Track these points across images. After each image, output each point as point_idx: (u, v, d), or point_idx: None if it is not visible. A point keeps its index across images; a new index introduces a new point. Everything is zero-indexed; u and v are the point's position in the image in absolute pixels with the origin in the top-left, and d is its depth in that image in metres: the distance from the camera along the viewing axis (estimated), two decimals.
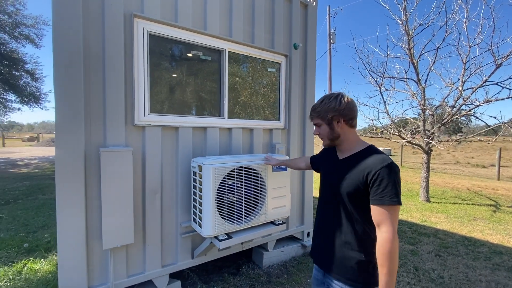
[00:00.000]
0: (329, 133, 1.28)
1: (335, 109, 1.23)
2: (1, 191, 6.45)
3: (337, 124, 1.25)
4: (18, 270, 2.87)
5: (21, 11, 11.94)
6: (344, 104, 1.23)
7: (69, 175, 1.84)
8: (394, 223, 1.08)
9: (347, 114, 1.24)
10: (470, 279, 2.88)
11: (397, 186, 1.10)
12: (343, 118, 1.24)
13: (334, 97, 1.25)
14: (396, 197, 1.08)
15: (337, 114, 1.23)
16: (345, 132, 1.27)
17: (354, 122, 1.27)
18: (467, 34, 5.79)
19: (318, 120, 1.30)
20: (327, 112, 1.25)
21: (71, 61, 1.83)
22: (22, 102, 13.19)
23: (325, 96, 1.29)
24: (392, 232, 1.07)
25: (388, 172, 1.10)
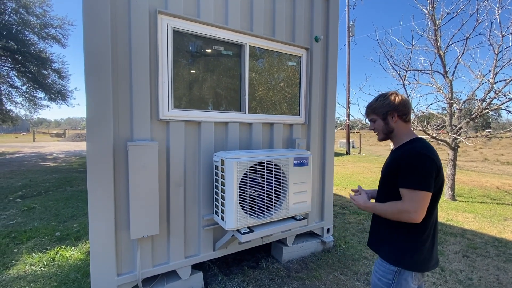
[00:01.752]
0: (384, 128, 1.40)
1: (389, 105, 1.35)
2: (33, 183, 6.88)
3: (391, 119, 1.37)
4: (51, 257, 3.06)
5: (48, 12, 12.54)
6: (399, 101, 1.35)
7: (99, 168, 1.93)
8: (414, 203, 1.18)
9: (401, 109, 1.35)
10: (502, 282, 2.74)
11: (417, 172, 1.19)
12: (397, 113, 1.35)
13: (389, 94, 1.38)
14: (415, 181, 1.18)
15: (392, 109, 1.35)
16: (399, 127, 1.38)
17: (408, 118, 1.38)
18: (499, 22, 5.42)
19: (374, 116, 1.42)
20: (382, 108, 1.38)
21: (100, 59, 1.90)
22: (50, 100, 13.92)
23: (380, 95, 1.41)
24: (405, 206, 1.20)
25: (415, 158, 1.21)
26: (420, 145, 1.27)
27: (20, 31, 11.96)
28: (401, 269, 1.29)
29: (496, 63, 5.54)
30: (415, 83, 6.54)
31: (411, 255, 1.28)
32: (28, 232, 3.70)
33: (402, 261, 1.28)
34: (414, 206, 1.18)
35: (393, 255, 1.31)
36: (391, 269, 1.30)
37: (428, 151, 1.22)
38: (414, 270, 1.28)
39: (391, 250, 1.32)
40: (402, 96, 1.37)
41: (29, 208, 4.78)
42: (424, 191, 1.18)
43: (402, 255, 1.29)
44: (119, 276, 2.07)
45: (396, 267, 1.29)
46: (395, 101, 1.34)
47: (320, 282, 2.67)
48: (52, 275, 2.71)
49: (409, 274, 1.29)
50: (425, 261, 1.30)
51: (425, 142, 1.29)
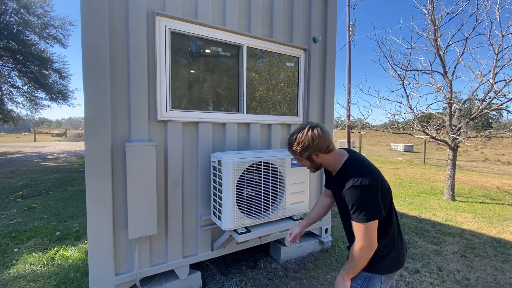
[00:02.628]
0: (312, 165, 1.40)
1: (310, 146, 1.29)
2: (34, 182, 6.92)
3: (316, 157, 1.34)
4: (51, 256, 3.08)
5: (49, 13, 12.58)
6: (317, 140, 1.28)
7: (97, 168, 1.94)
8: (364, 237, 1.20)
9: (322, 146, 1.30)
10: (499, 282, 2.75)
11: (362, 205, 1.18)
12: (318, 152, 1.31)
13: (305, 133, 1.30)
14: (362, 215, 1.18)
15: (312, 151, 1.30)
16: (325, 159, 1.35)
17: (330, 148, 1.33)
18: (499, 22, 5.42)
19: (297, 157, 1.39)
20: (303, 151, 1.32)
21: (98, 60, 1.91)
22: (51, 99, 13.96)
23: (298, 133, 1.33)
24: (360, 245, 1.21)
25: (354, 193, 1.20)
26: (356, 172, 1.22)
27: (21, 31, 12.01)
28: (370, 275, 1.30)
29: (496, 63, 5.54)
30: (414, 83, 6.54)
31: (381, 261, 1.30)
32: (28, 232, 3.73)
33: (373, 267, 1.29)
34: (368, 238, 1.20)
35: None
36: (362, 274, 1.30)
37: (365, 178, 1.19)
38: (385, 272, 1.31)
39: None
40: (319, 130, 1.29)
41: (30, 208, 4.81)
42: (373, 221, 1.19)
43: (372, 263, 1.28)
44: (117, 276, 2.09)
45: (366, 273, 1.30)
46: (313, 142, 1.28)
47: (318, 282, 2.68)
48: (52, 274, 2.73)
49: (378, 280, 1.31)
50: (396, 262, 1.34)
51: (357, 163, 1.28)
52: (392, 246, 1.32)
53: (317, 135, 1.28)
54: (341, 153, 1.36)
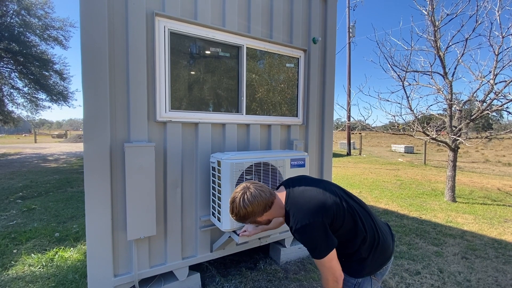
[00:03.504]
0: (261, 227, 1.50)
1: (249, 215, 1.29)
2: (34, 184, 6.91)
3: (261, 219, 1.34)
4: (50, 257, 3.07)
5: (50, 14, 12.63)
6: (250, 207, 1.27)
7: (96, 169, 1.94)
8: (326, 271, 1.21)
9: (260, 211, 1.30)
10: (500, 284, 2.73)
11: (311, 244, 1.20)
12: (259, 216, 1.32)
13: (238, 203, 1.28)
14: (313, 253, 1.21)
15: (254, 217, 1.31)
16: (270, 215, 1.35)
17: (268, 207, 1.31)
18: (499, 23, 5.42)
19: (246, 224, 1.47)
20: (245, 219, 1.32)
21: (97, 60, 1.91)
22: (52, 101, 13.99)
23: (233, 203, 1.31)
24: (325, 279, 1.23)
25: (299, 236, 1.21)
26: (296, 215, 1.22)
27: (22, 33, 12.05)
28: (359, 281, 1.32)
29: (497, 64, 5.53)
30: (415, 84, 6.53)
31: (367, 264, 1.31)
32: (27, 233, 3.72)
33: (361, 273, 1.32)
34: (330, 271, 1.21)
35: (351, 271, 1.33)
36: (351, 282, 1.32)
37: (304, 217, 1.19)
38: (373, 272, 1.33)
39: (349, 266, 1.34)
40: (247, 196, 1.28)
41: (29, 209, 4.80)
42: (328, 254, 1.19)
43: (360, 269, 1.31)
44: (116, 277, 2.07)
45: (356, 280, 1.32)
46: (248, 212, 1.28)
47: (317, 284, 2.66)
48: (51, 275, 2.72)
49: (368, 283, 1.33)
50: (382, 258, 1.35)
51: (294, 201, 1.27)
52: (373, 246, 1.31)
53: (248, 204, 1.26)
54: (280, 196, 1.35)
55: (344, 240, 1.28)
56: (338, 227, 1.25)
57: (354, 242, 1.28)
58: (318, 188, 1.31)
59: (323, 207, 1.22)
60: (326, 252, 1.18)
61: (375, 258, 1.32)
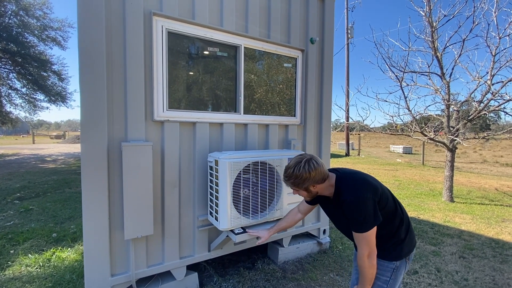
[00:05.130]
0: (309, 195, 1.47)
1: (308, 179, 1.36)
2: (32, 184, 6.89)
3: (313, 188, 1.42)
4: (48, 258, 3.06)
5: (48, 15, 12.60)
6: (314, 171, 1.36)
7: (93, 168, 1.94)
8: (365, 245, 1.31)
9: (318, 178, 1.38)
10: (497, 283, 2.74)
11: (358, 217, 1.28)
12: (314, 183, 1.39)
13: (302, 166, 1.36)
14: (359, 226, 1.30)
15: (310, 183, 1.38)
16: (321, 188, 1.43)
17: (325, 178, 1.41)
18: (496, 24, 5.45)
19: (295, 188, 1.46)
20: (301, 184, 1.39)
21: (94, 60, 1.91)
22: (50, 101, 13.94)
23: (295, 164, 1.39)
24: (362, 253, 1.31)
25: (350, 208, 1.30)
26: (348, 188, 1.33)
27: (20, 33, 12.01)
28: (397, 264, 1.42)
29: (493, 64, 5.56)
30: (412, 84, 6.56)
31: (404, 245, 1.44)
32: (25, 233, 3.70)
33: (399, 254, 1.42)
34: (368, 246, 1.30)
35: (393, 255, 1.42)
36: (390, 266, 1.42)
37: (358, 192, 1.30)
38: (407, 255, 1.44)
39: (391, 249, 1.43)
40: (314, 162, 1.37)
41: (27, 210, 4.78)
42: (370, 230, 1.30)
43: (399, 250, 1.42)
44: (113, 277, 2.07)
45: (395, 264, 1.41)
46: (310, 174, 1.35)
47: (315, 283, 2.66)
48: (48, 276, 2.70)
49: (403, 265, 1.43)
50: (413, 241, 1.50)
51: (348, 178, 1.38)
52: (408, 228, 1.47)
53: (313, 167, 1.35)
54: (331, 177, 1.44)
55: (385, 220, 1.37)
56: (382, 207, 1.36)
57: (393, 223, 1.40)
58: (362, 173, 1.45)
59: (372, 186, 1.34)
60: (371, 226, 1.28)
61: (409, 240, 1.45)
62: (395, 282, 1.43)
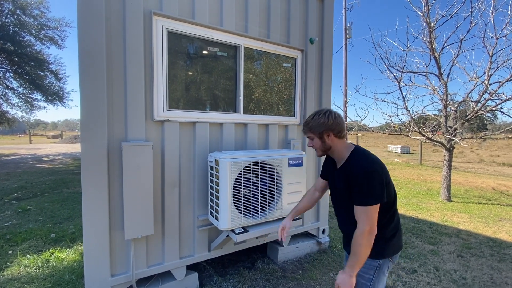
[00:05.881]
0: (321, 145, 1.45)
1: (324, 124, 1.39)
2: (29, 184, 6.84)
3: (327, 138, 1.41)
4: (46, 258, 3.04)
5: (45, 14, 12.51)
6: (332, 119, 1.38)
7: (93, 168, 1.93)
8: (366, 220, 1.26)
9: (335, 128, 1.39)
10: (495, 281, 2.76)
11: (368, 188, 1.26)
12: (332, 132, 1.40)
13: (323, 113, 1.41)
14: (365, 199, 1.26)
15: (326, 129, 1.39)
16: (335, 144, 1.43)
17: (342, 134, 1.43)
18: (493, 25, 5.50)
19: (310, 134, 1.46)
20: (317, 127, 1.40)
21: (94, 59, 1.91)
22: (47, 101, 13.85)
23: (316, 112, 1.45)
24: (362, 229, 1.27)
25: (362, 177, 1.27)
26: (363, 159, 1.33)
27: (17, 33, 11.93)
28: (380, 262, 1.39)
29: (491, 65, 5.61)
30: (410, 84, 6.59)
31: (389, 244, 1.41)
32: (23, 234, 3.68)
33: (383, 253, 1.39)
34: (370, 222, 1.26)
35: (374, 252, 1.35)
36: (373, 264, 1.39)
37: (372, 165, 1.29)
38: (391, 255, 1.41)
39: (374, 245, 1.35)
40: (335, 114, 1.41)
41: (25, 210, 4.75)
42: (375, 205, 1.27)
43: (382, 249, 1.39)
44: (113, 277, 2.06)
45: (377, 262, 1.39)
46: (329, 121, 1.38)
47: (315, 283, 2.67)
48: (47, 276, 2.69)
49: (386, 265, 1.41)
50: (399, 243, 1.46)
51: (365, 152, 1.37)
52: (397, 229, 1.44)
53: (333, 117, 1.39)
54: (349, 144, 1.45)
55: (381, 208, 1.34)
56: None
57: (385, 215, 1.37)
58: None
59: (384, 167, 1.35)
60: (376, 200, 1.26)
61: (395, 241, 1.42)
62: (378, 280, 1.40)
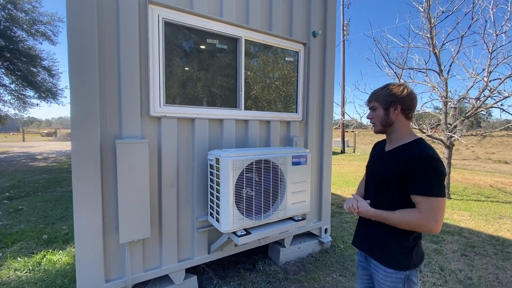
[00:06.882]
0: (383, 119, 1.30)
1: (396, 95, 1.25)
2: (21, 183, 6.65)
3: (393, 111, 1.27)
4: (38, 261, 2.91)
5: (37, 9, 12.17)
6: (406, 93, 1.25)
7: (85, 167, 1.80)
8: (433, 214, 1.11)
9: (406, 103, 1.26)
10: (501, 281, 2.71)
11: (435, 177, 1.12)
12: (401, 106, 1.26)
13: (397, 85, 1.28)
14: (438, 189, 1.11)
15: (396, 100, 1.26)
16: (399, 121, 1.29)
17: (411, 114, 1.30)
18: (493, 21, 5.44)
19: (375, 103, 1.31)
20: (386, 96, 1.27)
21: (85, 51, 1.77)
22: (40, 98, 13.55)
23: (389, 84, 1.31)
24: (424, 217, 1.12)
25: (427, 164, 1.13)
26: (428, 147, 1.19)
27: (8, 28, 11.58)
28: (407, 274, 1.24)
29: (490, 61, 5.56)
30: (410, 81, 6.53)
31: (416, 253, 1.26)
32: (14, 235, 3.53)
33: (411, 263, 1.24)
34: (435, 215, 1.11)
35: (401, 261, 1.23)
36: (399, 276, 1.24)
37: (437, 155, 1.16)
38: (419, 263, 1.27)
39: (398, 255, 1.25)
40: (411, 89, 1.27)
41: (16, 210, 4.59)
42: (443, 197, 1.12)
43: (409, 257, 1.24)
44: (108, 283, 1.95)
45: (403, 273, 1.23)
46: (402, 93, 1.25)
47: (318, 285, 2.59)
48: (38, 280, 2.57)
49: (414, 275, 1.26)
50: (421, 252, 1.32)
51: (429, 145, 1.22)
52: (420, 236, 1.30)
53: (408, 91, 1.26)
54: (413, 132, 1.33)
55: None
56: None
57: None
58: None
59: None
60: (442, 193, 1.12)
61: (418, 248, 1.28)
62: None
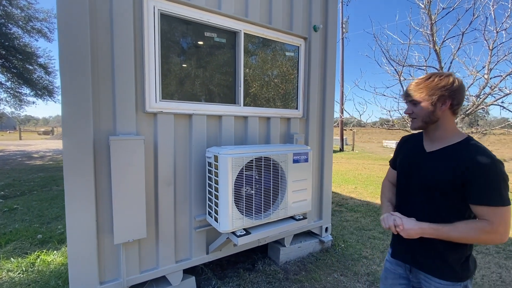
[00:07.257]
0: (427, 115, 1.12)
1: (445, 88, 1.07)
2: (17, 182, 6.55)
3: (440, 106, 1.10)
4: (32, 261, 2.84)
5: (33, 5, 12.00)
6: (457, 85, 1.07)
7: (77, 165, 1.73)
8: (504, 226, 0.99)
9: (456, 97, 1.08)
10: (505, 280, 2.66)
11: (503, 186, 0.99)
12: (450, 101, 1.09)
13: (445, 75, 1.09)
14: (504, 199, 0.98)
15: (446, 94, 1.08)
16: (445, 118, 1.12)
17: (457, 110, 1.13)
18: (494, 18, 5.38)
19: (419, 97, 1.12)
20: (434, 90, 1.08)
21: (77, 43, 1.69)
22: (36, 96, 13.40)
23: (433, 73, 1.12)
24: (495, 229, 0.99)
25: (494, 170, 0.99)
26: (486, 148, 1.04)
27: (4, 24, 11.39)
28: (465, 284, 1.14)
29: (491, 58, 5.51)
30: (410, 79, 6.47)
31: (472, 261, 1.16)
32: (7, 235, 3.45)
33: (469, 273, 1.14)
34: (506, 226, 0.98)
35: (458, 271, 1.13)
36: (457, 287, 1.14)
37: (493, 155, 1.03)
38: (474, 270, 1.17)
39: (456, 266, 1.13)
40: (460, 80, 1.10)
41: (11, 209, 4.50)
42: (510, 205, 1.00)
43: (467, 266, 1.13)
44: (102, 285, 1.88)
45: (461, 284, 1.12)
46: (452, 85, 1.07)
47: (319, 285, 2.53)
48: (31, 282, 2.49)
49: (470, 285, 1.17)
50: (474, 259, 1.21)
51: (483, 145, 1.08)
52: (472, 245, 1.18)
53: (458, 84, 1.08)
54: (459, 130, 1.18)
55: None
56: None
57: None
58: None
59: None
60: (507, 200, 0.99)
61: (472, 255, 1.18)
62: None
